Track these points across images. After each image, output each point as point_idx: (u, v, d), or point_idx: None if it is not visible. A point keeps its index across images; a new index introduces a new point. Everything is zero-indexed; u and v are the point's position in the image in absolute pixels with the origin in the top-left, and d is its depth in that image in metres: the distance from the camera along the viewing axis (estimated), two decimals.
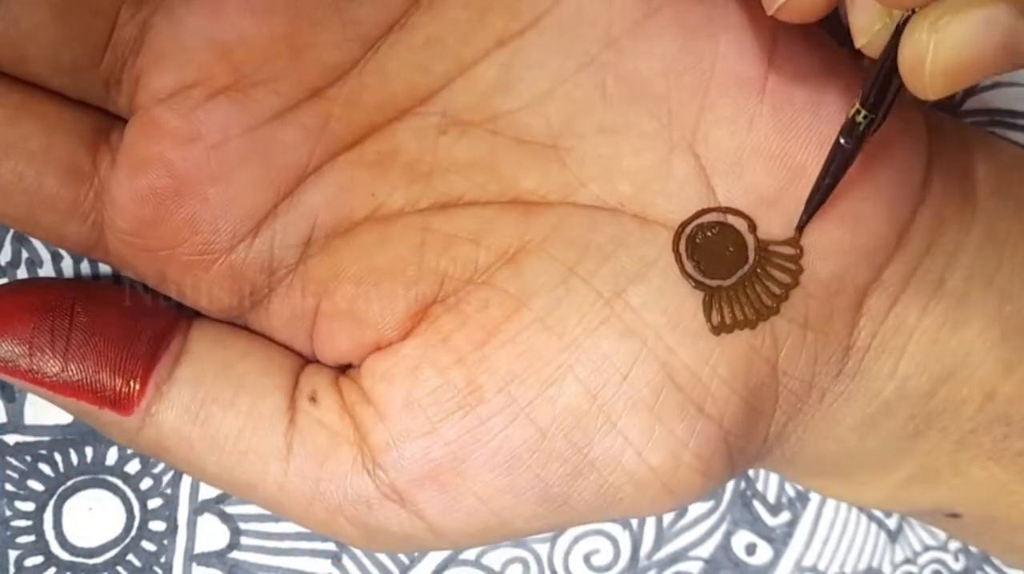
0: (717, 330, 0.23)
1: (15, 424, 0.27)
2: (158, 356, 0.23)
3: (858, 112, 0.21)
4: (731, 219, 0.23)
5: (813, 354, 0.24)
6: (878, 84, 0.21)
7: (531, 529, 0.24)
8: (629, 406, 0.22)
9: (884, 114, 0.21)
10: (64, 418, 0.27)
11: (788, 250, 0.23)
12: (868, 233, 0.23)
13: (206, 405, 0.23)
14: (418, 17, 0.23)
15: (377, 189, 0.24)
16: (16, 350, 0.23)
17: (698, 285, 0.23)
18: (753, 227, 0.23)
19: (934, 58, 0.17)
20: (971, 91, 0.31)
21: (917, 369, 0.24)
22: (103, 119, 0.24)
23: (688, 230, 0.23)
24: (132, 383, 0.23)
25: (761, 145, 0.23)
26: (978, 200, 0.25)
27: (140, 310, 0.24)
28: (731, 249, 0.23)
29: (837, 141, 0.22)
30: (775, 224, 0.23)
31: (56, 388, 0.23)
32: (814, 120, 0.23)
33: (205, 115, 0.23)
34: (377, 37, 0.23)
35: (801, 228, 0.23)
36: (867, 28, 0.19)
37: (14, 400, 0.27)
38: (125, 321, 0.24)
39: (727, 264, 0.23)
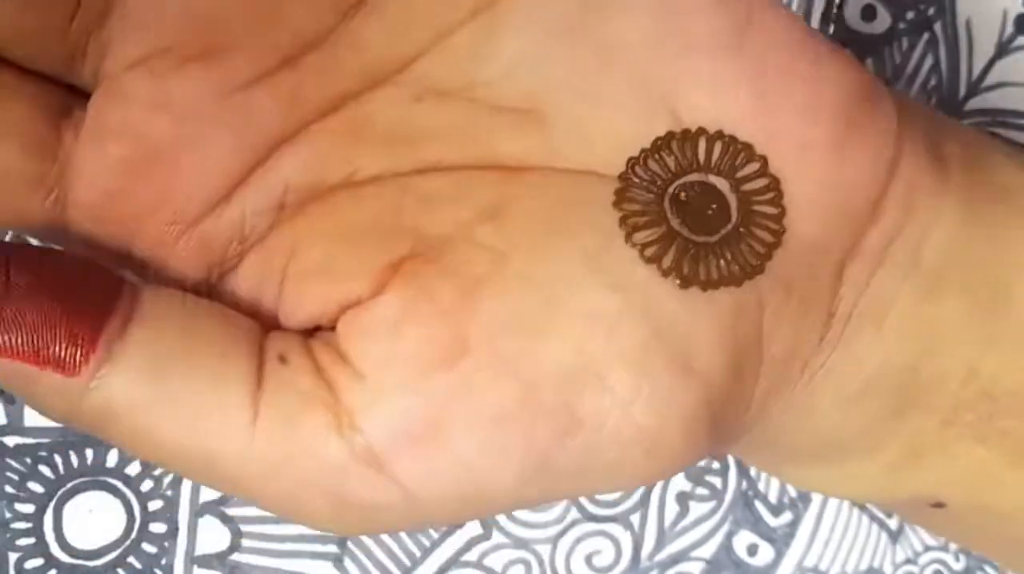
0: (704, 285, 0.23)
1: (15, 426, 0.27)
2: (107, 312, 0.21)
3: None
4: (712, 179, 0.23)
5: (796, 318, 0.23)
6: None
7: (507, 501, 0.23)
8: (616, 361, 0.22)
9: None
10: None
11: (771, 209, 0.23)
12: (846, 198, 0.23)
13: (164, 365, 0.21)
14: None
15: (352, 157, 0.23)
16: None
17: (684, 240, 0.23)
18: (735, 186, 0.23)
19: None
20: (974, 91, 0.31)
21: (898, 342, 0.24)
22: (66, 94, 0.23)
23: (671, 189, 0.23)
24: (80, 341, 0.21)
25: (740, 104, 0.23)
26: (949, 174, 0.25)
27: (83, 267, 0.22)
28: (714, 207, 0.23)
29: None
30: (756, 183, 0.23)
31: None
32: (788, 90, 0.23)
33: (176, 82, 0.22)
34: (351, 5, 0.23)
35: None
36: None
37: (14, 402, 0.27)
38: (68, 277, 0.22)
39: (711, 222, 0.23)
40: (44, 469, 0.27)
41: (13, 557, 0.27)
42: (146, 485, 0.28)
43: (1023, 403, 0.25)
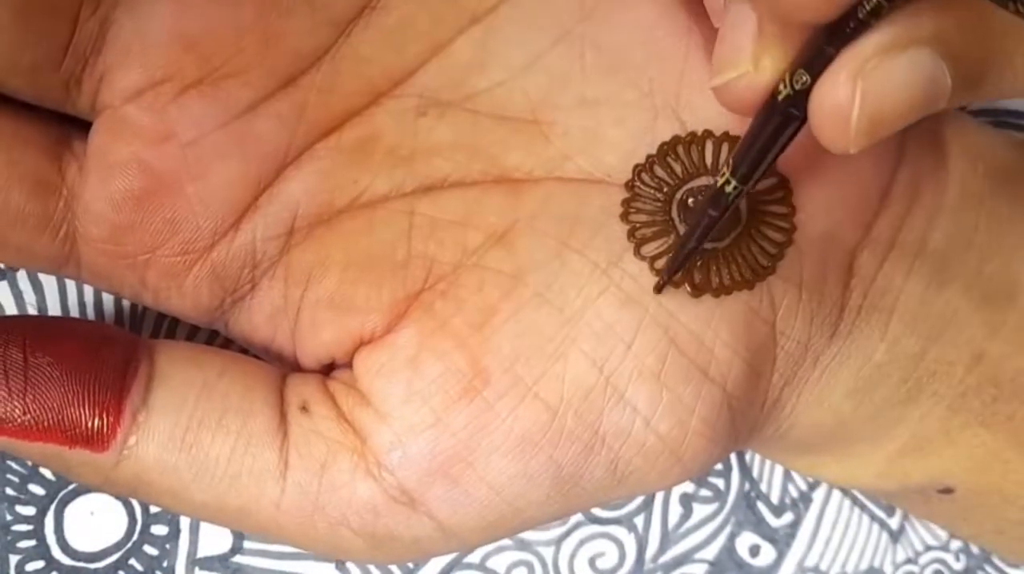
0: (716, 292, 0.23)
1: None
2: (128, 382, 0.22)
3: (728, 182, 0.21)
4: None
5: (809, 314, 0.24)
6: (752, 156, 0.20)
7: (542, 516, 0.23)
8: (635, 375, 0.22)
9: (754, 184, 0.21)
10: None
11: (780, 209, 0.23)
12: (855, 192, 0.23)
13: (192, 429, 0.22)
14: None
15: (359, 175, 0.23)
16: None
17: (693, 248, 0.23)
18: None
19: (861, 108, 0.17)
20: None
21: (906, 330, 0.24)
22: (62, 128, 0.23)
23: (678, 195, 0.23)
24: (105, 415, 0.21)
25: None
26: (950, 160, 0.25)
27: (97, 336, 0.23)
28: None
29: (704, 209, 0.21)
30: (765, 183, 0.23)
31: (21, 433, 0.21)
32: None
33: (177, 111, 0.22)
34: (348, 21, 0.23)
35: (659, 289, 0.22)
36: (729, 66, 0.19)
37: None
38: (84, 350, 0.22)
39: (720, 226, 0.23)
40: (45, 471, 0.27)
41: (14, 559, 0.27)
42: None
43: None
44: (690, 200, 0.23)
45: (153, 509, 0.28)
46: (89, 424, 0.21)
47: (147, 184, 0.22)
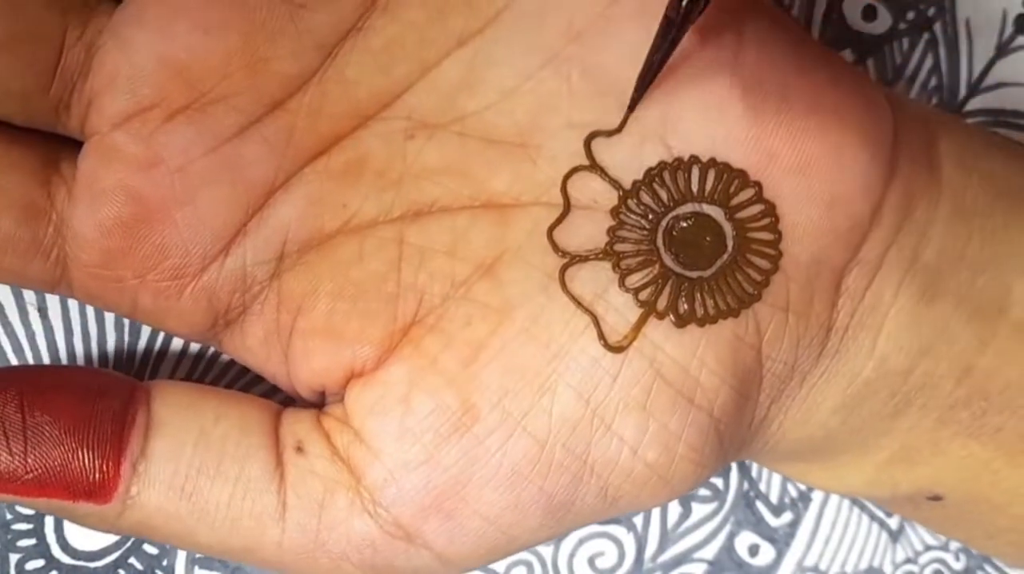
0: (702, 322, 0.23)
1: None
2: (126, 433, 0.22)
3: None
4: (707, 208, 0.23)
5: (795, 337, 0.24)
6: None
7: (536, 540, 0.24)
8: (622, 407, 0.22)
9: None
10: None
11: (767, 235, 0.23)
12: (844, 213, 0.23)
13: (191, 478, 0.22)
14: (375, 20, 0.23)
15: (348, 199, 0.24)
16: None
17: (678, 278, 0.23)
18: (730, 214, 0.23)
19: None
20: (974, 91, 0.31)
21: (895, 346, 0.24)
22: (49, 151, 0.23)
23: (664, 222, 0.23)
24: (105, 468, 0.22)
25: (731, 132, 0.23)
26: (943, 174, 0.25)
27: (94, 387, 0.23)
28: (708, 239, 0.23)
29: (665, 16, 0.21)
30: (752, 210, 0.23)
31: (23, 490, 0.22)
32: (783, 103, 0.23)
33: (165, 137, 0.22)
34: (334, 44, 0.23)
35: (632, 108, 0.22)
36: None
37: None
38: (80, 402, 0.22)
39: (706, 254, 0.23)
40: None
41: (14, 558, 0.27)
42: None
43: (1016, 398, 0.25)
44: (675, 230, 0.23)
45: None
46: (91, 478, 0.22)
47: (135, 211, 0.23)
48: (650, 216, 0.23)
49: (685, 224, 0.23)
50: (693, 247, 0.23)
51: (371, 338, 0.23)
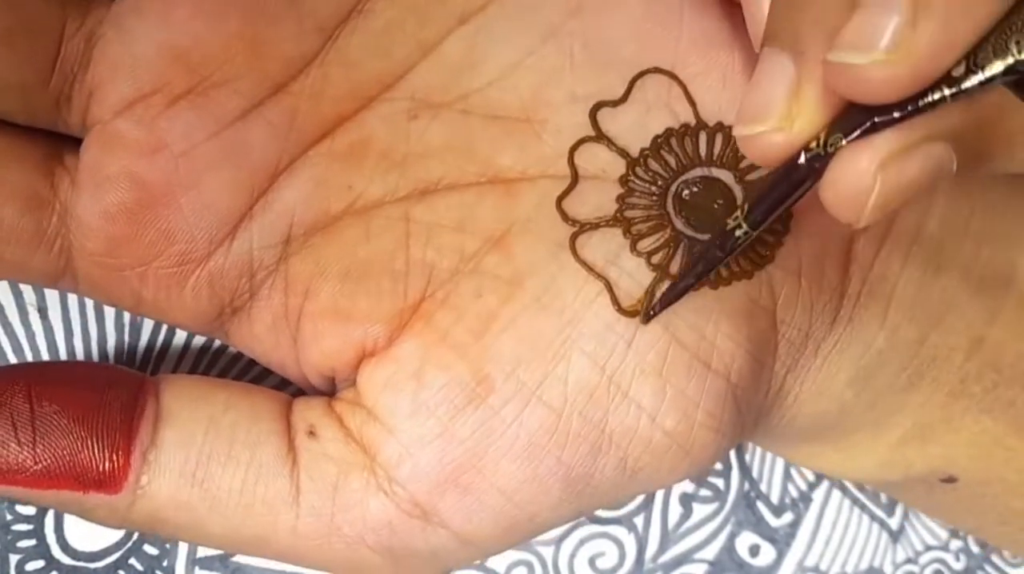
0: (715, 284, 0.23)
1: None
2: (136, 423, 0.22)
3: (739, 226, 0.20)
4: (716, 172, 0.23)
5: (808, 301, 0.24)
6: (768, 204, 0.20)
7: (556, 518, 0.23)
8: (638, 372, 0.22)
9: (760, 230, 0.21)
10: None
11: None
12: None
13: (202, 464, 0.22)
14: (375, 2, 0.23)
15: (353, 181, 0.23)
16: None
17: (690, 241, 0.23)
18: (740, 176, 0.23)
19: (879, 194, 0.17)
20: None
21: (905, 316, 0.25)
22: (52, 143, 0.23)
23: (673, 187, 0.23)
24: (115, 457, 0.22)
25: (735, 98, 0.23)
26: None
27: (102, 379, 0.23)
28: (719, 202, 0.23)
29: (709, 247, 0.21)
30: (762, 171, 0.23)
31: (33, 482, 0.22)
32: None
33: (167, 123, 0.22)
34: (335, 26, 0.23)
35: (647, 320, 0.22)
36: (759, 118, 0.18)
37: None
38: (90, 394, 0.22)
39: (717, 217, 0.23)
40: None
41: (14, 559, 0.27)
42: None
43: None
44: (685, 193, 0.23)
45: None
46: (101, 467, 0.22)
47: (140, 196, 0.22)
48: (659, 182, 0.23)
49: (695, 188, 0.23)
50: (704, 211, 0.23)
51: (381, 316, 0.23)
